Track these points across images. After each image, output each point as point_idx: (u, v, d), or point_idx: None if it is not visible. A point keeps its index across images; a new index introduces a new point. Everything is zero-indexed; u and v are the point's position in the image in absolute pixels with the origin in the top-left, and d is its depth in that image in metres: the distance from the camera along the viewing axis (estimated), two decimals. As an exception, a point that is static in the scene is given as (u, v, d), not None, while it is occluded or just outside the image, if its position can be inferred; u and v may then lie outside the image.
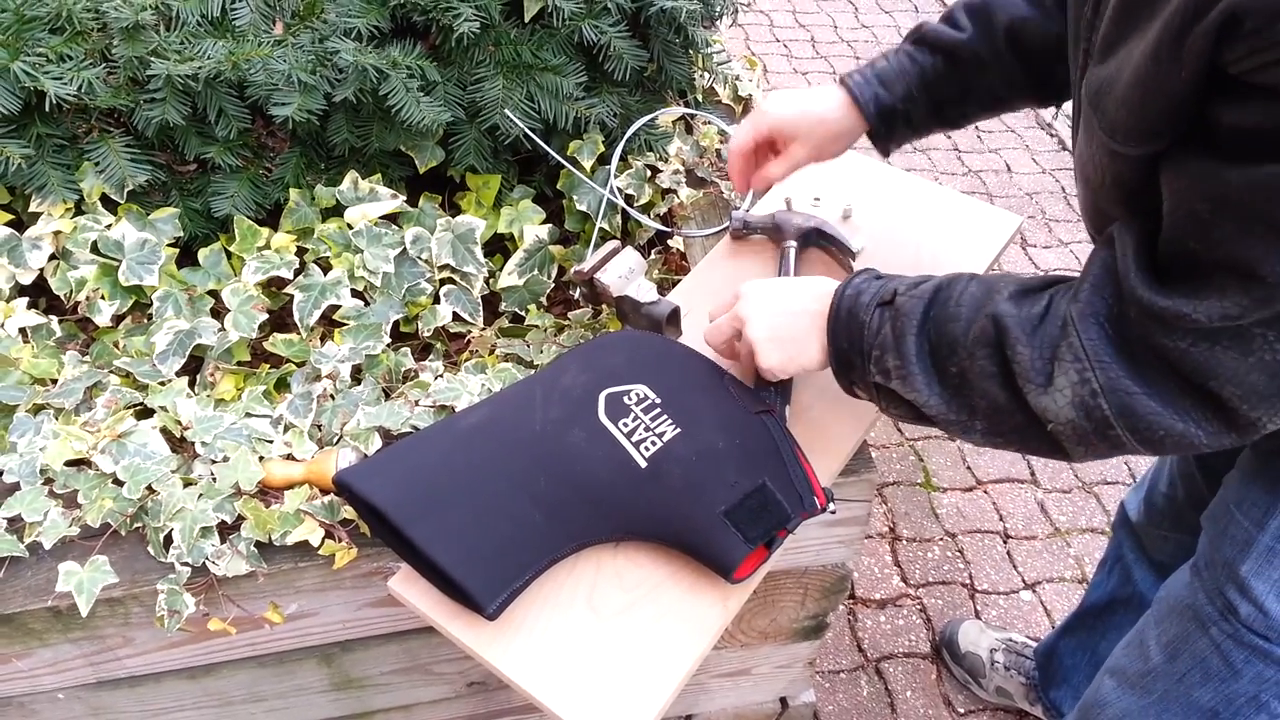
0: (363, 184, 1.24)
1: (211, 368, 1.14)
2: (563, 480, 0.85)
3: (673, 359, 0.98)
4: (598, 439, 0.87)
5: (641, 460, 0.86)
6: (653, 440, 0.88)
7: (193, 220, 1.26)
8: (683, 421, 0.89)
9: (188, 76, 1.12)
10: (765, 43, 3.67)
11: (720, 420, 0.91)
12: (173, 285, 1.18)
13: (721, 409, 0.93)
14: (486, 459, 0.85)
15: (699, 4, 1.27)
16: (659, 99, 1.41)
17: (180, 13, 1.16)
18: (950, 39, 1.05)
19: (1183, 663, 1.06)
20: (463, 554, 0.79)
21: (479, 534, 0.81)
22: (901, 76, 1.06)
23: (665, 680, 0.81)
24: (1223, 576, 0.98)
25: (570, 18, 1.22)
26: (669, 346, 1.00)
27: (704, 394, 0.94)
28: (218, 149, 1.21)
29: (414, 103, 1.15)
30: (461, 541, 0.80)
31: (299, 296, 1.15)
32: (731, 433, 0.90)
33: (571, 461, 0.86)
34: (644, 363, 0.95)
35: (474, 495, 0.83)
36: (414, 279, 1.22)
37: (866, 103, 1.06)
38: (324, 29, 1.19)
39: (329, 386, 1.07)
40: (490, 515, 0.82)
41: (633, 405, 0.90)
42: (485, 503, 0.82)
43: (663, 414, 0.90)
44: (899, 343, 0.79)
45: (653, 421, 0.89)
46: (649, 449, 0.87)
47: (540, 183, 1.38)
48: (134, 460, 0.99)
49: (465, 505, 0.82)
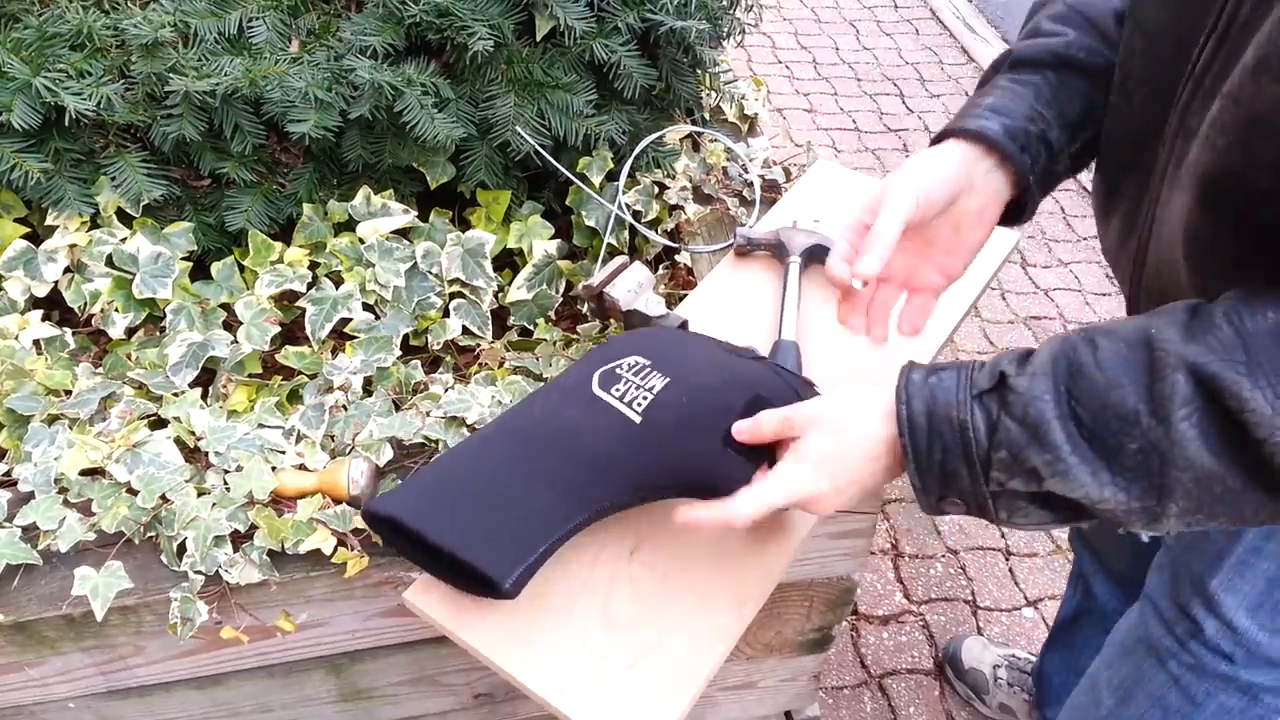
0: (375, 199, 1.26)
1: (224, 379, 1.15)
2: (565, 455, 0.85)
3: (670, 335, 0.97)
4: (593, 410, 0.87)
5: (636, 416, 0.85)
6: (644, 396, 0.86)
7: (206, 234, 1.27)
8: (671, 372, 0.88)
9: (205, 93, 1.14)
10: (768, 64, 3.70)
11: (709, 363, 0.90)
12: (186, 298, 1.19)
13: (712, 354, 0.91)
14: (490, 457, 0.87)
15: (707, 24, 1.29)
16: (667, 117, 1.43)
17: (198, 30, 1.18)
18: (1052, 46, 0.89)
19: (1137, 704, 1.02)
20: (472, 537, 0.80)
21: (487, 518, 0.81)
22: (1015, 99, 0.87)
23: (684, 687, 0.82)
24: (1188, 593, 0.96)
25: (581, 37, 1.24)
26: (669, 331, 1.00)
27: (695, 346, 0.93)
28: (232, 164, 1.23)
29: (428, 119, 1.17)
30: (470, 526, 0.81)
31: (311, 310, 1.17)
32: (721, 370, 0.88)
33: (571, 435, 0.86)
34: (638, 341, 0.94)
35: (480, 487, 0.84)
36: (424, 293, 1.23)
37: (994, 135, 0.83)
38: (340, 47, 1.21)
39: (341, 398, 1.09)
40: (497, 501, 0.83)
41: (624, 372, 0.89)
42: (491, 491, 0.83)
43: (652, 370, 0.88)
44: (1040, 434, 0.64)
45: (643, 380, 0.88)
46: (641, 404, 0.86)
47: (549, 199, 1.40)
48: (148, 470, 1.00)
49: (471, 498, 0.83)
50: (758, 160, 1.42)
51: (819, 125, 3.39)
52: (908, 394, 0.71)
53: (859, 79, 3.65)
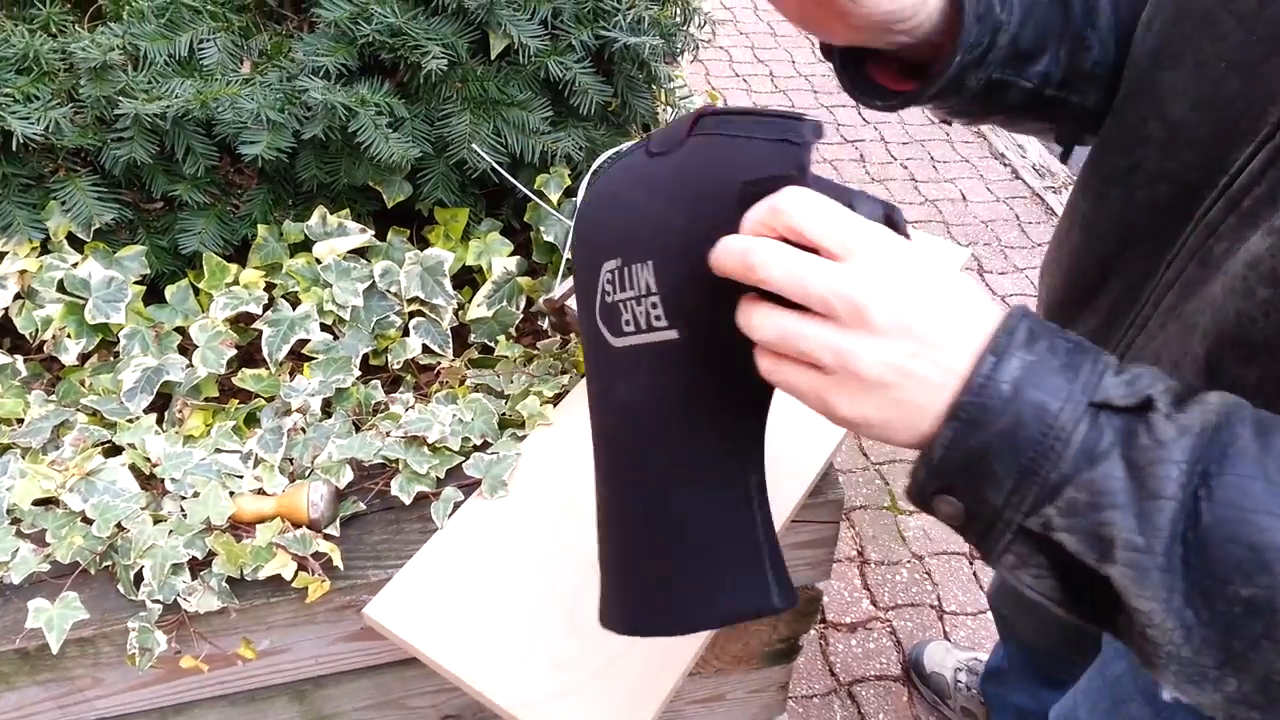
0: (331, 219, 1.25)
1: (180, 404, 1.14)
2: (664, 440, 0.65)
3: (600, 192, 0.72)
4: (634, 368, 0.65)
5: (667, 332, 0.61)
6: (651, 302, 0.62)
7: (160, 257, 1.26)
8: (642, 249, 0.64)
9: (155, 115, 1.13)
10: (725, 78, 3.73)
11: (660, 195, 0.64)
12: (140, 323, 1.17)
13: (653, 180, 0.65)
14: (623, 514, 0.70)
15: (661, 41, 1.30)
16: (623, 132, 1.43)
17: (148, 52, 1.17)
18: None
19: None
20: (712, 604, 0.65)
21: (699, 576, 0.65)
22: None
23: (651, 697, 0.82)
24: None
25: (536, 55, 1.25)
26: (596, 187, 0.74)
27: (630, 184, 0.67)
28: (185, 186, 1.22)
29: (382, 139, 1.17)
30: (697, 597, 0.65)
31: (268, 331, 1.16)
32: (681, 190, 0.62)
33: (644, 418, 0.66)
34: (584, 230, 0.73)
35: (657, 549, 0.67)
36: (383, 312, 1.23)
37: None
38: (292, 68, 1.20)
39: (299, 420, 1.08)
40: (683, 553, 0.66)
41: (614, 293, 0.66)
42: (669, 547, 0.67)
43: (625, 266, 0.65)
44: (1147, 508, 0.46)
45: (633, 284, 0.64)
46: (659, 315, 0.62)
47: (508, 215, 1.40)
48: (103, 498, 0.98)
49: (665, 567, 0.67)
50: (714, 174, 1.43)
51: (777, 137, 3.42)
52: (1007, 344, 0.49)
53: (815, 91, 3.69)
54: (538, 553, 0.96)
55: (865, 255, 0.48)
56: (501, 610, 0.88)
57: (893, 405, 0.49)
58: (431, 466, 1.04)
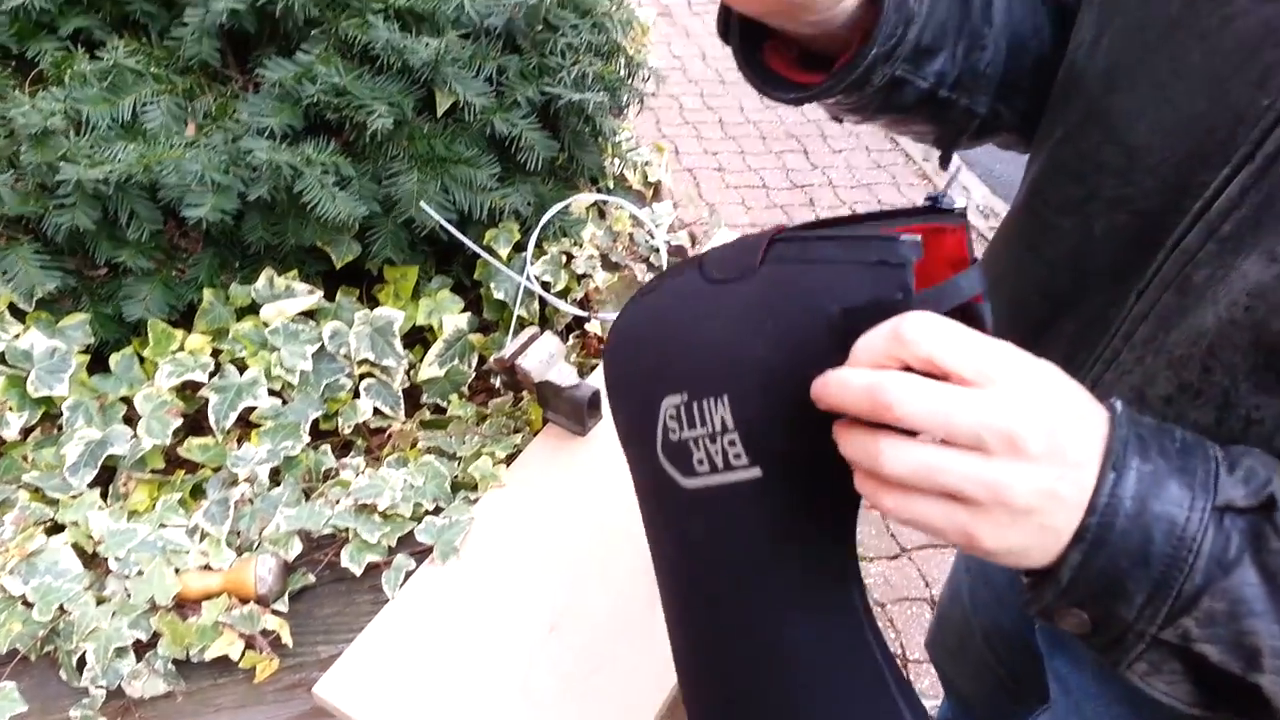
0: (279, 281, 1.23)
1: (124, 477, 1.11)
2: (753, 590, 0.61)
3: (650, 324, 0.66)
4: (712, 515, 0.60)
5: (749, 471, 0.56)
6: (729, 439, 0.57)
7: (104, 325, 1.23)
8: (716, 382, 0.58)
9: (98, 180, 1.11)
10: (676, 125, 3.77)
11: (738, 324, 0.58)
12: (84, 393, 1.15)
13: (723, 306, 0.60)
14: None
15: (606, 96, 1.31)
16: (571, 186, 1.44)
17: (90, 117, 1.15)
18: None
19: None
20: None
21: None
22: None
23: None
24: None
25: (482, 112, 1.25)
26: (639, 322, 0.67)
27: (696, 315, 0.61)
28: (129, 252, 1.20)
29: (329, 198, 1.16)
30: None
31: (214, 399, 1.13)
32: (760, 322, 0.57)
33: (733, 568, 0.61)
34: (626, 373, 0.67)
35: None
36: (333, 375, 1.21)
37: None
38: (237, 129, 1.19)
39: (247, 491, 1.05)
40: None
41: (679, 431, 0.60)
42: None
43: (695, 401, 0.59)
44: None
45: (704, 419, 0.58)
46: (738, 452, 0.57)
47: (458, 272, 1.39)
48: (44, 579, 0.95)
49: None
50: (663, 225, 1.44)
51: (729, 183, 3.46)
52: (1124, 455, 0.47)
53: (764, 137, 3.74)
54: (491, 619, 0.94)
55: (1006, 381, 0.45)
56: (456, 681, 0.86)
57: (1037, 531, 0.47)
58: (383, 534, 1.02)
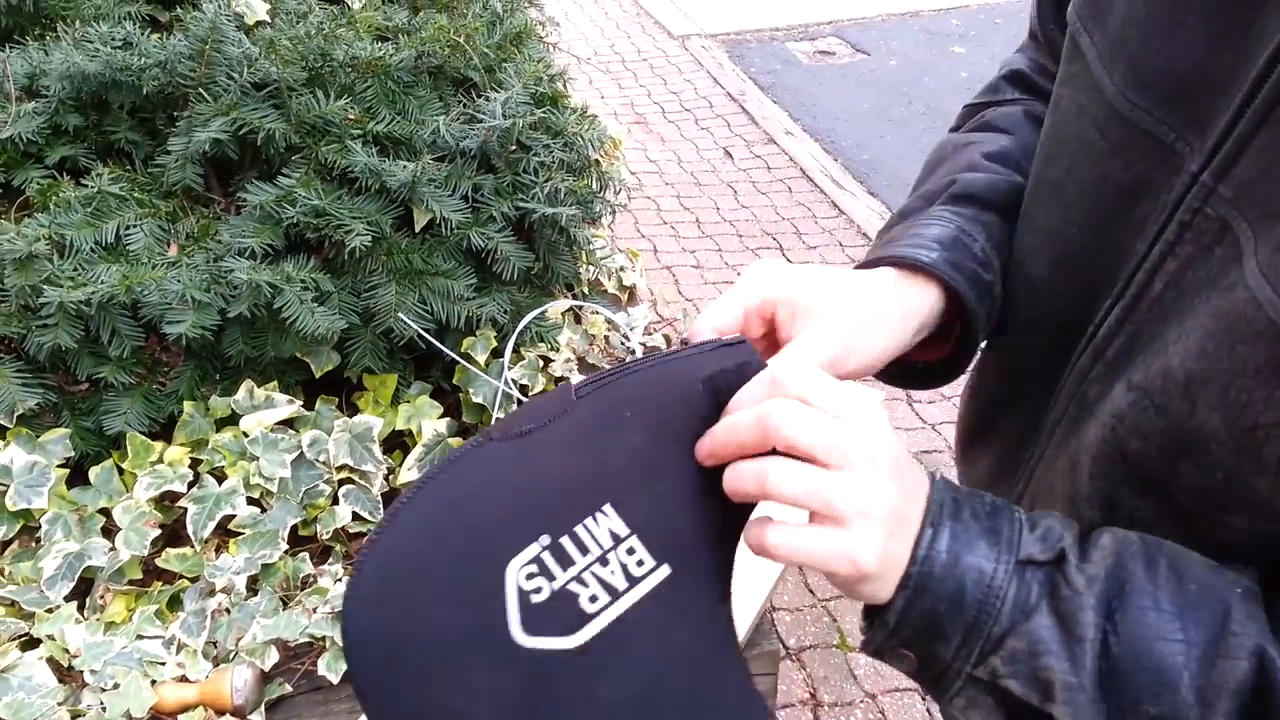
0: (258, 392, 1.26)
1: (102, 589, 1.11)
2: None
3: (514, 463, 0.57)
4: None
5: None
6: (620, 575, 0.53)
7: (84, 439, 1.25)
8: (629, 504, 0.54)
9: (81, 302, 1.15)
10: (654, 225, 3.87)
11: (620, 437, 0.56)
12: (63, 506, 1.16)
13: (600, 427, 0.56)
14: None
15: (578, 209, 1.37)
16: (547, 293, 1.48)
17: (74, 241, 1.20)
18: (1006, 185, 0.76)
19: None
20: None
21: None
22: (961, 233, 0.72)
23: None
24: None
25: (458, 227, 1.30)
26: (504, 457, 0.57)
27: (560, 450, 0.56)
28: (111, 368, 1.23)
29: (308, 313, 1.20)
30: None
31: (192, 509, 1.15)
32: (645, 427, 0.55)
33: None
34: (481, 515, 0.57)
35: None
36: (312, 481, 1.23)
37: (938, 265, 0.68)
38: (219, 249, 1.24)
39: (224, 601, 1.06)
40: None
41: (548, 585, 0.52)
42: None
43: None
44: (1076, 651, 0.52)
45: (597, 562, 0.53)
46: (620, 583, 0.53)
47: (437, 377, 1.43)
48: (18, 695, 0.95)
49: None
50: (638, 328, 1.48)
51: (707, 280, 3.53)
52: (939, 513, 0.54)
53: (741, 235, 3.84)
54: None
55: (858, 462, 0.52)
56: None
57: (880, 583, 0.53)
58: (360, 640, 1.03)
